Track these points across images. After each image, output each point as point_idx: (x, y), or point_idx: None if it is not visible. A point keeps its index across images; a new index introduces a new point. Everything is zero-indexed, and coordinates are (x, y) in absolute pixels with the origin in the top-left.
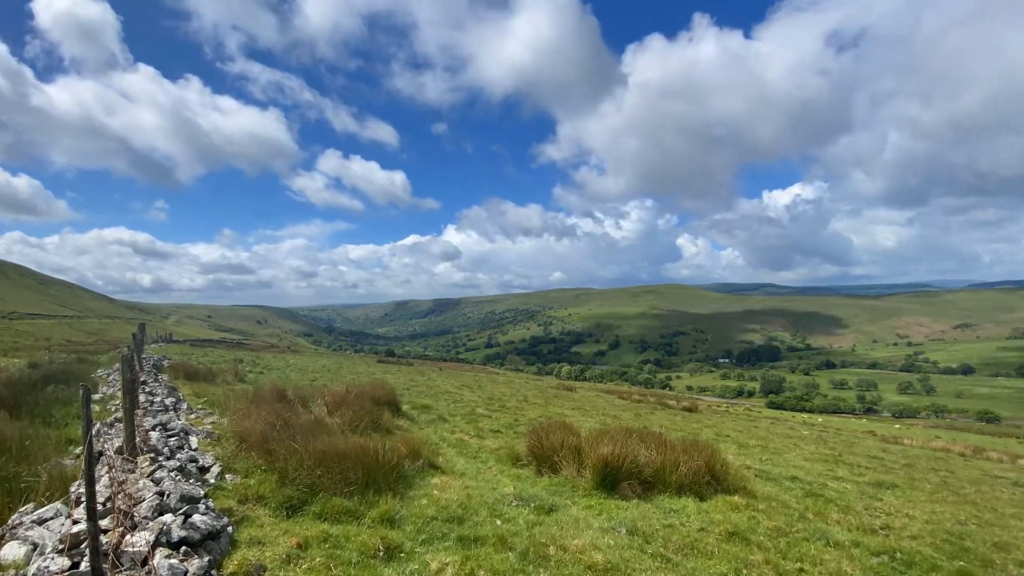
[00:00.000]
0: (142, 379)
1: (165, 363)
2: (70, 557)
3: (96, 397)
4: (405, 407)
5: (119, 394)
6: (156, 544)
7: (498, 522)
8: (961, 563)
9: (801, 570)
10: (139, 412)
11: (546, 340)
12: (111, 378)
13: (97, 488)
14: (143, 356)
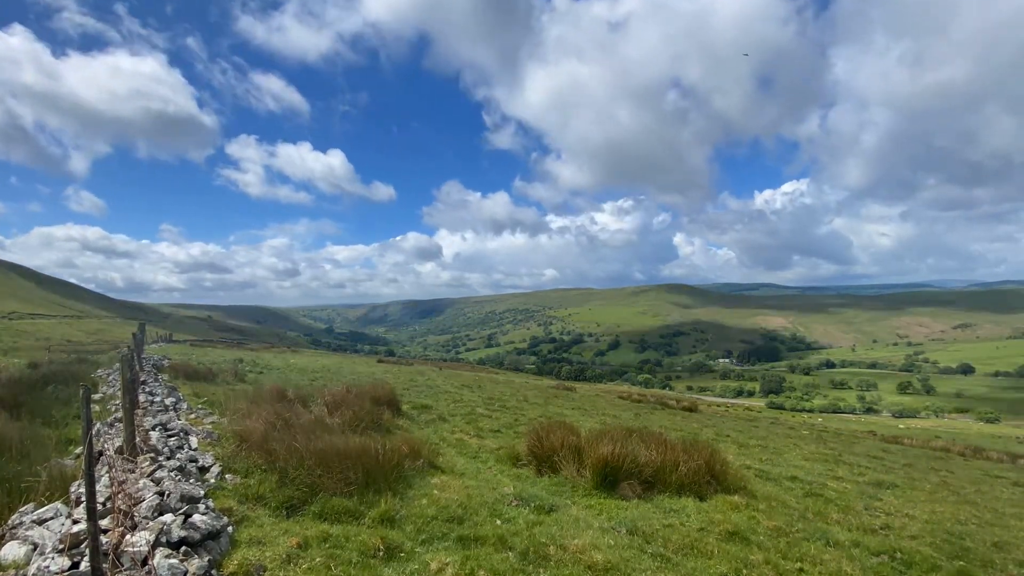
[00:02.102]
0: (142, 379)
1: (165, 363)
2: (70, 557)
3: (96, 397)
4: (405, 407)
5: (119, 394)
6: (156, 544)
7: (498, 522)
8: (961, 563)
9: (801, 570)
10: (139, 412)
11: (546, 340)
12: (111, 378)
13: (97, 488)
14: (143, 356)
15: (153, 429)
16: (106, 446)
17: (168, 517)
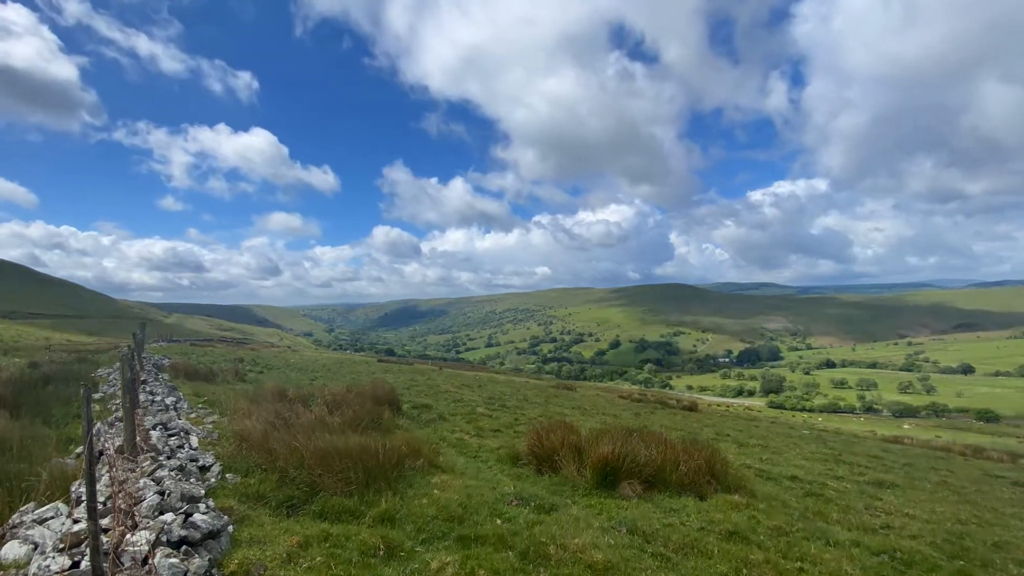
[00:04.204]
0: (142, 379)
1: (165, 362)
2: (71, 556)
3: (96, 396)
4: (405, 406)
5: (119, 393)
6: (156, 543)
7: (498, 521)
8: (961, 563)
9: (801, 569)
10: (139, 411)
11: (546, 340)
12: (111, 377)
13: (98, 487)
14: (143, 355)
15: (153, 428)
16: (106, 445)
17: (168, 516)
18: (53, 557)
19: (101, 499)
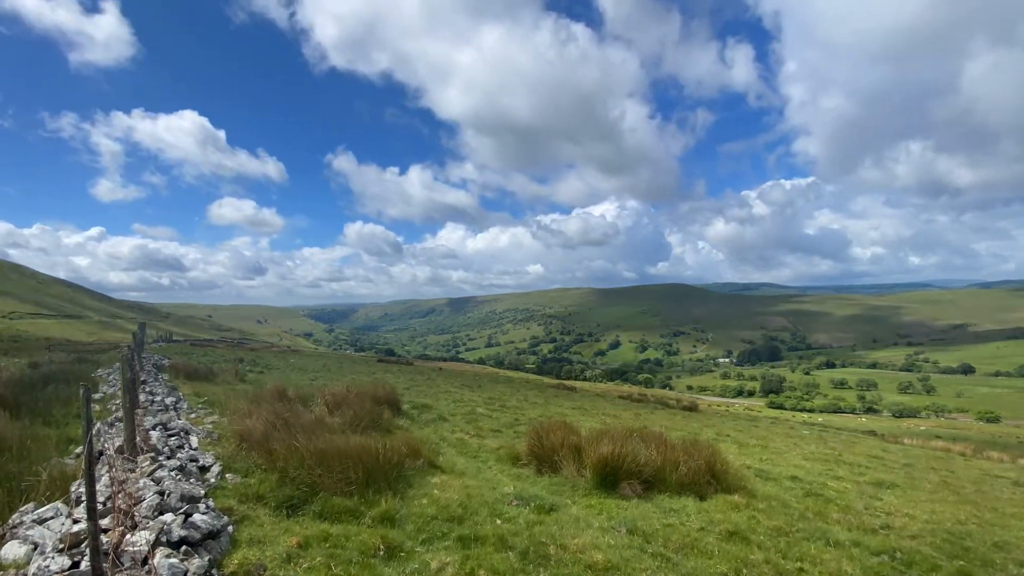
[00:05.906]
0: (142, 379)
1: (165, 363)
2: (70, 556)
3: (96, 397)
4: (405, 406)
5: (119, 394)
6: (156, 543)
7: (498, 521)
8: (961, 563)
9: (801, 570)
10: (139, 412)
11: (546, 340)
12: (111, 378)
13: (97, 487)
14: (143, 355)
15: (153, 429)
16: (106, 445)
17: (168, 516)
18: (53, 557)
19: (101, 499)
